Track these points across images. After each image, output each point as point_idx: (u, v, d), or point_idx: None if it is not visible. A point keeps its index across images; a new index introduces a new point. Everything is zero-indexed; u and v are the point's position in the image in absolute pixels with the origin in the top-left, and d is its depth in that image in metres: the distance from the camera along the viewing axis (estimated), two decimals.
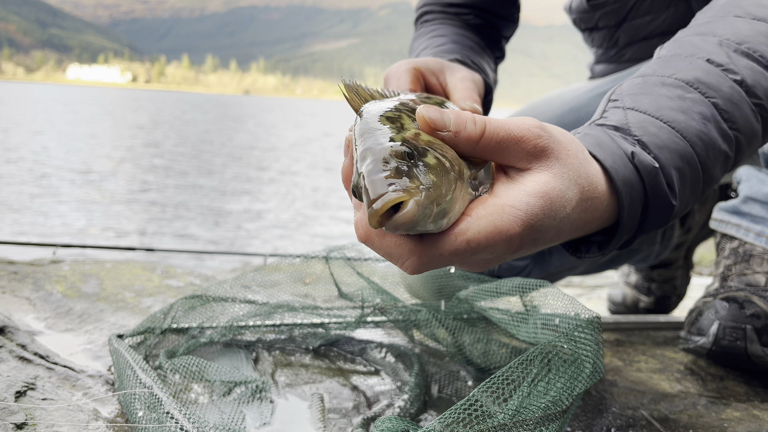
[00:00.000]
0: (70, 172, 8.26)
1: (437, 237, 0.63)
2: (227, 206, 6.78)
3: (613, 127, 0.81)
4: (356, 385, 1.19)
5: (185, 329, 1.30)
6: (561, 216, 0.68)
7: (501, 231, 0.64)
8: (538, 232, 0.67)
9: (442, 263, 0.64)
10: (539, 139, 0.68)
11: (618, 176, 0.75)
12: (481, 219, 0.64)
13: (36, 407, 0.99)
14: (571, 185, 0.69)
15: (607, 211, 0.76)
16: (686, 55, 0.89)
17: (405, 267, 0.64)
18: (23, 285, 1.65)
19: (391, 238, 0.64)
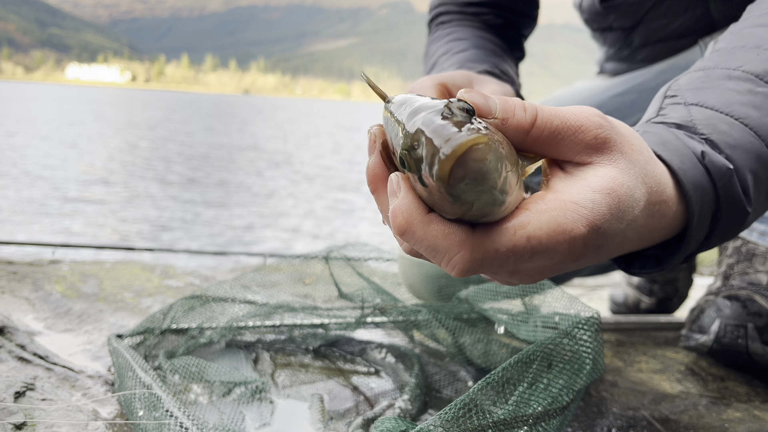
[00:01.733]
0: (69, 173, 8.26)
1: (493, 228, 0.54)
2: (227, 206, 6.78)
3: (676, 124, 0.73)
4: (356, 386, 1.19)
5: (185, 329, 1.30)
6: (629, 219, 0.60)
7: (565, 230, 0.55)
8: (604, 237, 0.58)
9: (497, 263, 0.55)
10: (600, 129, 0.60)
11: (687, 179, 0.66)
12: (543, 213, 0.55)
13: (35, 408, 0.99)
14: (639, 184, 0.61)
15: (675, 220, 0.67)
16: (751, 46, 0.81)
17: (453, 264, 0.55)
18: (22, 285, 1.65)
19: (439, 226, 0.54)
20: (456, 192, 0.49)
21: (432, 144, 0.49)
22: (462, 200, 0.50)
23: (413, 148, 0.51)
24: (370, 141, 0.62)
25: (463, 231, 0.54)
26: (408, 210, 0.54)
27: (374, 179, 0.61)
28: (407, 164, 0.53)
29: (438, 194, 0.51)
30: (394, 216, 0.55)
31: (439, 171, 0.48)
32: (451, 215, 0.54)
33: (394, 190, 0.56)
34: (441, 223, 0.54)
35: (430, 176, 0.50)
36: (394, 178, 0.56)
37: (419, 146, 0.50)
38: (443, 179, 0.48)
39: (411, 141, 0.51)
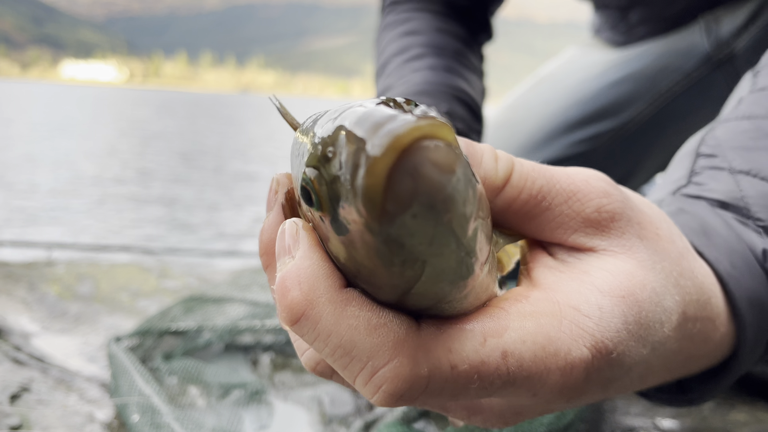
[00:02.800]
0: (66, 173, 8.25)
1: (450, 328, 0.35)
2: (226, 206, 6.76)
3: (719, 202, 0.52)
4: None
5: (183, 331, 1.28)
6: (655, 340, 0.40)
7: (558, 350, 0.35)
8: (617, 367, 0.38)
9: (450, 388, 0.34)
10: (607, 197, 0.40)
11: (740, 290, 0.47)
12: (526, 319, 0.36)
13: (31, 410, 0.98)
14: (670, 287, 0.41)
15: (722, 344, 0.47)
16: None
17: (380, 381, 0.33)
18: (18, 286, 1.63)
19: (361, 311, 0.33)
20: (394, 230, 0.28)
21: (357, 141, 0.28)
22: (403, 252, 0.29)
23: (325, 159, 0.30)
24: (270, 192, 0.41)
25: (402, 325, 0.34)
26: (310, 278, 0.33)
27: (270, 248, 0.39)
28: (315, 196, 0.32)
29: (362, 242, 0.30)
30: (283, 288, 0.34)
31: (367, 182, 0.27)
32: (383, 291, 0.33)
33: (286, 246, 0.35)
34: (364, 308, 0.33)
35: (351, 204, 0.29)
36: (289, 226, 0.36)
37: (336, 155, 0.30)
38: (373, 199, 0.28)
39: (323, 149, 0.31)
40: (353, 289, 0.34)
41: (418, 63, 1.08)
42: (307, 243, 0.35)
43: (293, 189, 0.40)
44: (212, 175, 9.30)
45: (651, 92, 1.41)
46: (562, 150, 1.40)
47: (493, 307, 0.36)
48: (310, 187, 0.32)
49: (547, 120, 1.47)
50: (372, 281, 0.33)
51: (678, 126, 1.39)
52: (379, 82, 1.13)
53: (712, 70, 1.34)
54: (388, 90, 1.07)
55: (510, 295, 0.38)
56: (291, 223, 0.36)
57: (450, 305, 0.34)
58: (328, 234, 0.33)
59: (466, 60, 1.16)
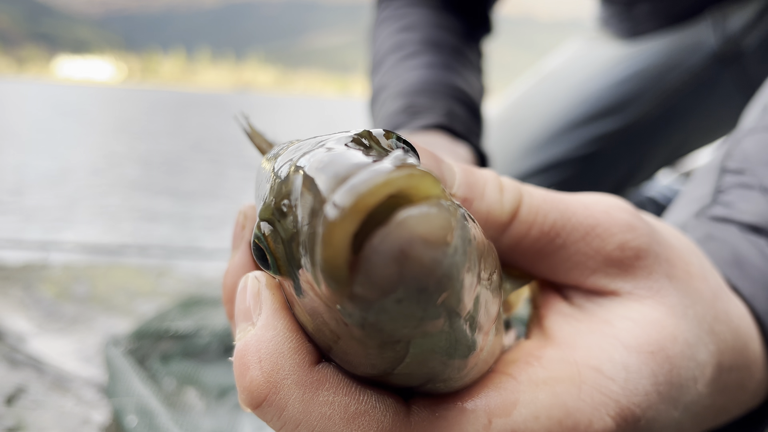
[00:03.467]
0: (64, 173, 8.23)
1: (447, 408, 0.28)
2: (225, 207, 6.76)
3: (750, 226, 0.45)
4: None
5: (180, 333, 1.27)
6: (687, 401, 0.34)
7: (577, 425, 0.29)
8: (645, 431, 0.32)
9: None
10: (631, 232, 0.34)
11: None
12: (540, 389, 0.30)
13: (27, 411, 0.97)
14: (703, 335, 0.35)
15: (757, 393, 0.41)
16: None
17: None
18: (14, 288, 1.62)
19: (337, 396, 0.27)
20: (370, 315, 0.22)
21: (314, 196, 0.22)
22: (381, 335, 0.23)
23: (280, 213, 0.25)
24: (236, 227, 0.35)
25: (387, 412, 0.27)
26: (272, 355, 0.27)
27: (234, 294, 0.33)
28: (271, 257, 0.26)
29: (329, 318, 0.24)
30: (241, 365, 0.27)
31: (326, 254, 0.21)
32: (360, 369, 0.27)
33: (246, 309, 0.29)
34: (340, 391, 0.27)
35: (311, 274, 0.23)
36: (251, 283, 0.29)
37: (290, 210, 0.24)
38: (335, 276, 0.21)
39: (278, 200, 0.25)
40: (327, 365, 0.27)
41: (414, 61, 1.03)
42: (270, 308, 0.28)
43: None
44: (212, 175, 9.29)
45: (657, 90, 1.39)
46: (567, 149, 1.39)
47: (499, 373, 0.30)
48: (263, 245, 0.26)
49: (552, 118, 1.45)
50: (346, 358, 0.26)
51: (684, 124, 1.38)
52: (374, 79, 1.09)
53: (719, 67, 1.32)
54: (383, 89, 1.02)
55: (520, 355, 0.32)
56: (253, 280, 0.29)
57: (446, 384, 0.28)
58: (292, 299, 0.26)
59: (464, 57, 1.11)
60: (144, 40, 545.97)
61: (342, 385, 0.27)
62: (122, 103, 28.35)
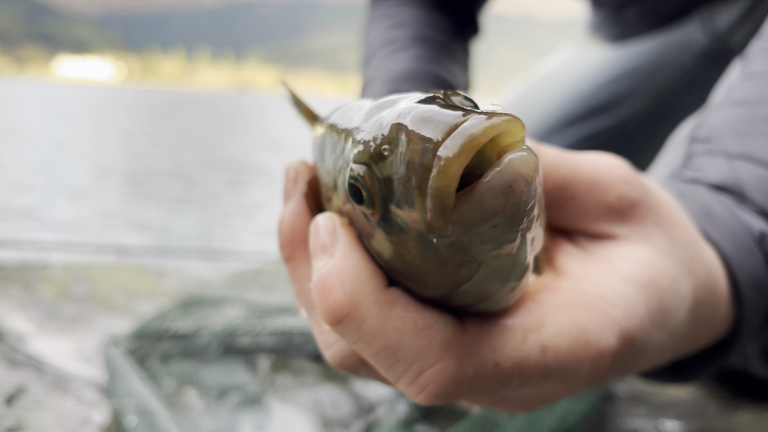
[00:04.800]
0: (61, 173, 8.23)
1: (492, 326, 0.35)
2: (225, 207, 6.75)
3: (715, 186, 0.53)
4: (356, 391, 1.17)
5: (180, 333, 1.27)
6: (671, 326, 0.41)
7: (590, 342, 0.36)
8: (639, 353, 0.39)
9: (492, 385, 0.35)
10: (628, 186, 0.41)
11: (744, 272, 0.48)
12: (561, 312, 0.36)
13: (27, 411, 0.97)
14: (685, 274, 0.42)
15: (721, 326, 0.48)
16: None
17: (425, 381, 0.33)
18: (14, 287, 1.62)
19: (408, 312, 0.33)
20: (465, 237, 0.28)
21: (424, 140, 0.27)
22: (464, 255, 0.29)
23: (380, 157, 0.29)
24: (287, 181, 0.40)
25: (448, 326, 0.33)
26: (353, 279, 0.33)
27: (293, 239, 0.39)
28: (367, 194, 0.30)
29: (418, 243, 0.30)
30: (326, 288, 0.33)
31: (439, 184, 0.26)
32: (428, 289, 0.33)
33: (323, 243, 0.35)
34: (411, 309, 0.33)
35: (411, 205, 0.28)
36: (325, 222, 0.35)
37: (393, 154, 0.29)
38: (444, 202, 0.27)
39: (377, 146, 0.30)
40: (396, 289, 0.34)
41: (402, 54, 1.09)
42: (347, 241, 0.34)
43: (315, 179, 0.40)
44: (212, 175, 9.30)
45: (649, 88, 1.43)
46: (561, 147, 1.41)
47: (528, 299, 0.37)
48: (360, 184, 0.30)
49: (546, 117, 1.48)
50: (419, 280, 0.32)
51: (676, 121, 1.41)
52: (365, 73, 1.14)
53: (709, 65, 1.35)
54: (372, 81, 1.07)
55: (541, 286, 0.38)
56: (327, 219, 0.36)
57: (493, 301, 0.34)
58: (374, 232, 0.32)
59: (450, 53, 1.17)
60: (144, 40, 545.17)
61: (410, 304, 0.33)
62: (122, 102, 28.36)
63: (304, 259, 0.39)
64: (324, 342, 0.41)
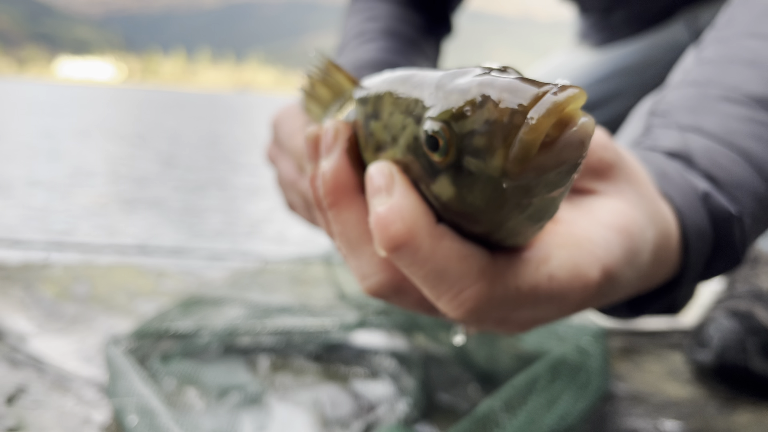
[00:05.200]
0: (64, 173, 8.23)
1: (516, 258, 0.43)
2: (225, 208, 6.75)
3: (669, 153, 0.63)
4: (356, 390, 1.17)
5: (181, 333, 1.27)
6: (638, 265, 0.50)
7: (581, 273, 0.45)
8: (615, 286, 0.49)
9: (510, 305, 0.44)
10: (606, 150, 0.51)
11: (691, 224, 0.57)
12: (561, 249, 0.45)
13: (27, 411, 0.97)
14: (649, 223, 0.52)
15: (671, 269, 0.58)
16: (746, 62, 0.70)
17: (463, 299, 0.42)
18: (14, 287, 1.63)
19: (454, 243, 0.41)
20: (534, 181, 0.36)
21: (505, 104, 0.35)
22: (525, 196, 0.36)
23: (461, 116, 0.36)
24: (327, 139, 0.47)
25: (484, 256, 0.42)
26: (411, 214, 0.40)
27: (337, 188, 0.46)
28: (445, 144, 0.37)
29: (487, 186, 0.37)
30: (387, 221, 0.40)
31: (528, 138, 0.34)
32: (479, 226, 0.40)
33: (381, 186, 0.42)
34: (456, 240, 0.41)
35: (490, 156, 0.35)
36: (382, 168, 0.42)
37: (475, 114, 0.36)
38: (528, 153, 0.34)
39: (459, 108, 0.37)
40: (443, 224, 0.42)
41: (371, 45, 1.17)
42: (403, 184, 0.42)
43: (354, 136, 0.47)
44: (213, 174, 9.30)
45: (637, 86, 1.47)
46: None
47: (536, 239, 0.45)
48: (440, 136, 0.37)
49: None
50: (473, 218, 0.40)
51: None
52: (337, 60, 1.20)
53: None
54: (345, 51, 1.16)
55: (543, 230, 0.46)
56: (384, 166, 0.43)
57: (523, 238, 0.42)
58: (437, 177, 0.39)
59: (419, 49, 1.23)
60: (144, 40, 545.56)
61: (455, 237, 0.41)
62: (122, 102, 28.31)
63: (348, 204, 0.46)
64: (362, 274, 0.48)
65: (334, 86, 0.54)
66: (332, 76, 0.54)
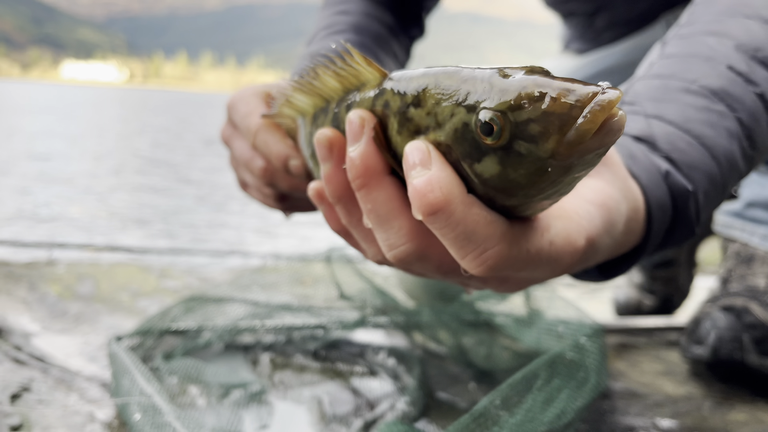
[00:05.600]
0: (67, 173, 8.24)
1: (528, 225, 0.51)
2: (226, 207, 6.75)
3: (635, 137, 0.72)
4: (356, 388, 1.18)
5: (183, 331, 1.28)
6: (614, 234, 0.59)
7: (571, 241, 0.53)
8: (595, 251, 0.57)
9: (521, 265, 0.51)
10: None
11: (654, 199, 0.67)
12: (557, 220, 0.53)
13: (31, 409, 0.98)
14: (622, 199, 0.61)
15: (638, 238, 0.68)
16: (705, 57, 0.79)
17: (485, 258, 0.49)
18: (18, 286, 1.64)
19: (482, 211, 0.48)
20: (578, 160, 0.43)
21: (563, 100, 0.42)
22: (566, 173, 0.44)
23: (518, 107, 0.43)
24: (353, 126, 0.53)
25: (504, 222, 0.49)
26: (448, 184, 0.47)
27: (367, 171, 0.52)
28: (499, 129, 0.44)
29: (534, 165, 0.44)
30: (426, 190, 0.47)
31: (585, 127, 0.41)
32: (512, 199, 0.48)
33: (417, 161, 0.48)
34: (483, 208, 0.48)
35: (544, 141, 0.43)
36: (420, 146, 0.49)
37: (531, 107, 0.43)
38: (583, 138, 0.42)
39: (516, 100, 0.44)
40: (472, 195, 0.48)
41: (337, 36, 1.21)
42: (440, 159, 0.48)
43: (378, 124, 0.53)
44: (214, 174, 9.30)
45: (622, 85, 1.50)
46: None
47: None
48: (495, 123, 0.44)
49: None
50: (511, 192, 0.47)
51: None
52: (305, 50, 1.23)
53: None
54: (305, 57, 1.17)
55: None
56: (421, 143, 0.49)
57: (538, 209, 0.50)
58: (483, 157, 0.46)
59: (387, 46, 1.28)
60: (147, 43, 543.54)
61: (483, 206, 0.48)
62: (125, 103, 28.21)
63: (377, 184, 0.52)
64: (390, 245, 0.54)
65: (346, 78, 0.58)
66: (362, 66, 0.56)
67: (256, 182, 0.90)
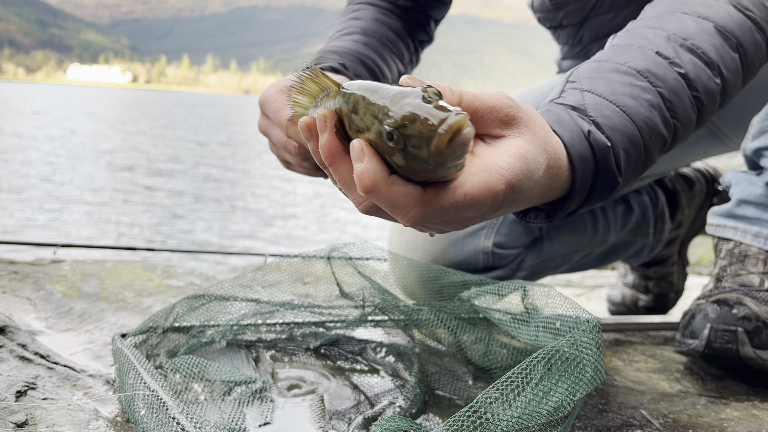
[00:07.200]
0: (71, 173, 8.25)
1: (440, 189, 0.67)
2: (227, 206, 6.77)
3: (571, 106, 0.88)
4: (356, 385, 1.19)
5: (186, 329, 1.30)
6: (535, 179, 0.74)
7: (490, 188, 0.68)
8: (518, 192, 0.72)
9: (439, 215, 0.68)
10: (510, 108, 0.74)
11: (575, 151, 0.82)
12: (474, 175, 0.68)
13: (36, 407, 0.99)
14: (541, 151, 0.76)
15: (565, 183, 0.83)
16: (638, 45, 0.97)
17: (408, 217, 0.67)
18: (24, 285, 1.65)
19: (399, 187, 0.66)
20: (441, 160, 0.62)
21: (427, 123, 0.60)
22: (440, 164, 0.62)
23: (403, 126, 0.62)
24: (320, 121, 0.70)
25: (418, 191, 0.66)
26: (374, 172, 0.65)
27: (332, 153, 0.71)
28: (395, 138, 0.63)
29: (419, 160, 0.63)
30: (361, 177, 0.65)
31: (438, 144, 0.60)
32: (418, 176, 0.65)
33: (358, 155, 0.66)
34: (401, 184, 0.66)
35: (422, 147, 0.61)
36: (358, 144, 0.66)
37: (412, 126, 0.61)
38: (439, 150, 0.60)
39: (402, 120, 0.62)
40: (394, 175, 0.66)
41: (349, 37, 1.43)
42: (370, 153, 0.65)
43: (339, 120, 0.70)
44: (216, 174, 9.31)
45: None
46: None
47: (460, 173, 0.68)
48: (394, 133, 0.62)
49: None
50: (415, 175, 0.65)
51: None
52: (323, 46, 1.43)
53: None
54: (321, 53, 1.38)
55: None
56: (357, 143, 0.66)
57: (446, 178, 0.66)
58: (394, 153, 0.64)
59: (391, 45, 1.48)
60: (151, 44, 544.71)
61: (402, 182, 0.66)
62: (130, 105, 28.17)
63: (340, 162, 0.70)
64: (356, 202, 0.73)
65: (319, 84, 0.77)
66: (320, 79, 0.76)
67: (295, 159, 1.14)
